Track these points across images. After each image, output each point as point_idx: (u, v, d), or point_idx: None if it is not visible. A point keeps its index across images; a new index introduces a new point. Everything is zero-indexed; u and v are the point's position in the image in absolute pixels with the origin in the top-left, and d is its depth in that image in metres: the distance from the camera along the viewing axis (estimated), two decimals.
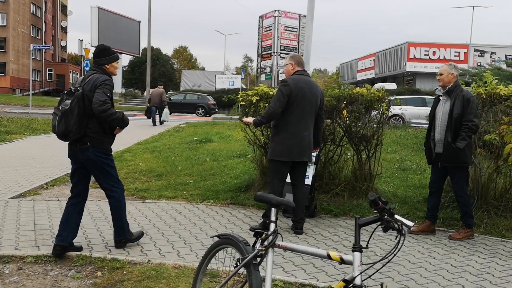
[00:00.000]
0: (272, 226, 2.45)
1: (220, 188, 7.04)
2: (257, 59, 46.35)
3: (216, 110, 32.02)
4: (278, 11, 42.49)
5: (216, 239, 2.76)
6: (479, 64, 42.67)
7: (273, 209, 2.46)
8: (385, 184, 6.98)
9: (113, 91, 4.47)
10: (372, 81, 46.20)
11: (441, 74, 5.14)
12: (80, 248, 4.35)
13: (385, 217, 2.05)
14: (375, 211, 2.07)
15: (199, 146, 11.39)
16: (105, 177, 4.37)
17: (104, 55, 4.35)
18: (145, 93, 42.63)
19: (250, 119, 5.28)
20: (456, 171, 5.08)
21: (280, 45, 42.86)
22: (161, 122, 19.93)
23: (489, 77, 5.75)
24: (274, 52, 42.62)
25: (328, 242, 4.87)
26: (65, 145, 4.37)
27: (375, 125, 6.23)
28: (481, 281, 3.94)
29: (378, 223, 2.08)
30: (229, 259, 3.02)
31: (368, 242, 2.16)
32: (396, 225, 2.04)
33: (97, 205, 6.09)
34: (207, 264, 2.82)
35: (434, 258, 4.48)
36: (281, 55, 42.68)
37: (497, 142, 5.55)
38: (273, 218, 2.44)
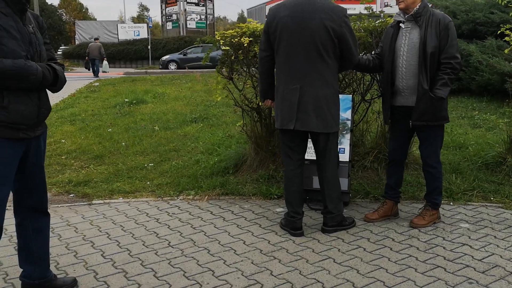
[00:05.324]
0: None
1: (198, 171, 5.04)
2: (161, 6, 42.44)
3: None
4: None
5: None
6: None
7: None
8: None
9: None
10: None
11: None
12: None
13: None
14: None
15: (133, 110, 9.05)
16: None
17: None
18: None
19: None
20: (430, 131, 3.53)
21: None
22: (96, 73, 20.68)
23: None
24: None
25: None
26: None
27: None
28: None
29: None
30: None
31: None
32: None
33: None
34: None
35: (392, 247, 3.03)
36: (188, 0, 39.36)
37: None
38: None
